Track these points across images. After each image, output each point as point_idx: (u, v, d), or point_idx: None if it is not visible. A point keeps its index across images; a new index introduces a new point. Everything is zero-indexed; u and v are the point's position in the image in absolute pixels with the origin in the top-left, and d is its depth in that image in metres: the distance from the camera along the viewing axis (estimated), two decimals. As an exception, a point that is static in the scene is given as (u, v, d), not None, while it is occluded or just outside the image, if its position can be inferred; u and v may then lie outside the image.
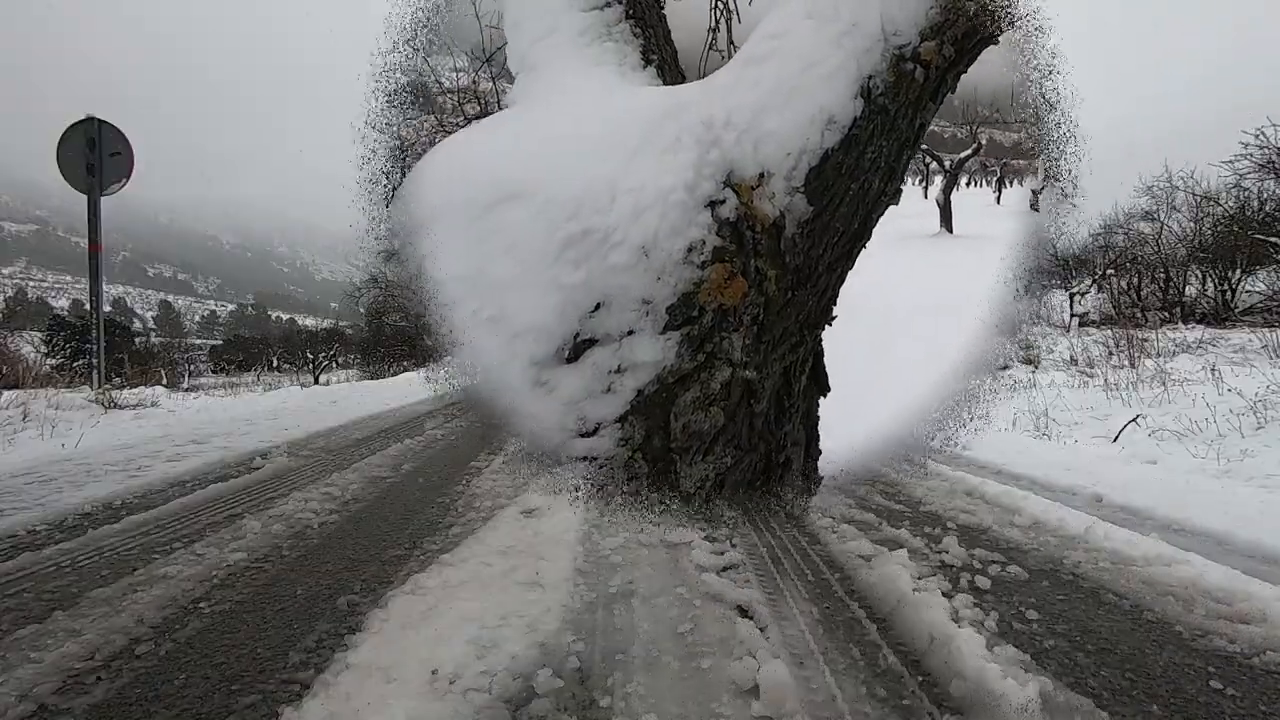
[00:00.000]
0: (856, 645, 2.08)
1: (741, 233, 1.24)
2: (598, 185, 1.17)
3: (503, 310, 1.17)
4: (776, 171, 1.30)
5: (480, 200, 1.20)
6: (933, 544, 3.08)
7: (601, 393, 1.17)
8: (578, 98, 1.42)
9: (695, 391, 1.18)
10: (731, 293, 1.21)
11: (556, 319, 1.15)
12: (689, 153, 1.23)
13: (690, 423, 1.18)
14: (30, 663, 1.93)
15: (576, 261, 1.14)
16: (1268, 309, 18.06)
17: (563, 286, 1.14)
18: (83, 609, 2.29)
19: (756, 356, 1.27)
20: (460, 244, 1.20)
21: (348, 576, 2.55)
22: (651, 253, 1.15)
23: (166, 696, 1.78)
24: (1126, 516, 3.74)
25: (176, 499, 3.89)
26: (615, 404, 1.17)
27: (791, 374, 1.42)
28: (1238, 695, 1.86)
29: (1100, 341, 14.26)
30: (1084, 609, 2.44)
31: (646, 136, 1.23)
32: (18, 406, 6.90)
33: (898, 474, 4.42)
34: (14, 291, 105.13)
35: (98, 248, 9.45)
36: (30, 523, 3.33)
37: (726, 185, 1.25)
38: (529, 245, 1.17)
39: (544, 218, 1.17)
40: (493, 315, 1.17)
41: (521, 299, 1.16)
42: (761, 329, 1.27)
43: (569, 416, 1.16)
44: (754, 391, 1.27)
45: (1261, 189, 19.77)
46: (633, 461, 1.18)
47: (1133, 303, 23.79)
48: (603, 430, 1.17)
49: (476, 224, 1.19)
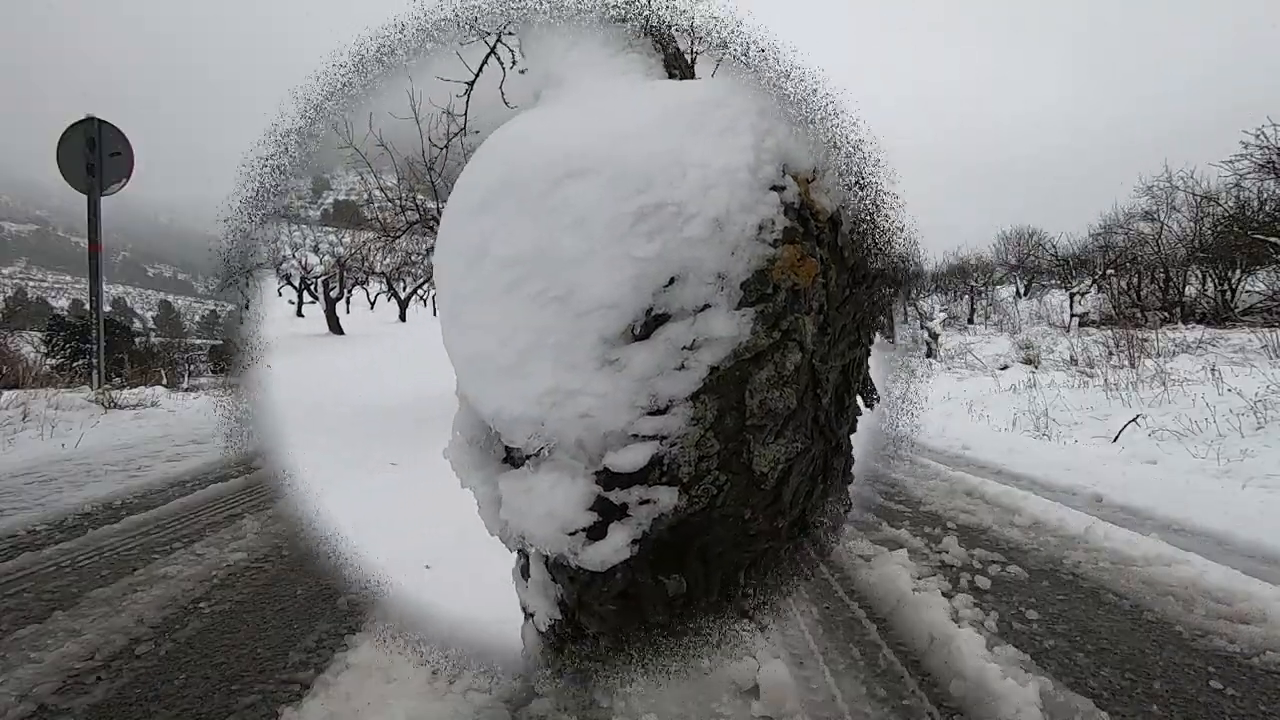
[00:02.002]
0: (856, 645, 2.08)
1: (806, 218, 1.23)
2: (666, 159, 1.16)
3: (570, 288, 1.15)
4: (830, 167, 1.29)
5: (548, 175, 1.19)
6: (933, 544, 3.08)
7: (674, 369, 1.15)
8: (620, 91, 1.40)
9: (769, 370, 1.17)
10: (805, 273, 1.19)
11: (629, 293, 1.13)
12: (745, 136, 1.21)
13: (766, 399, 1.16)
14: (30, 662, 1.92)
15: (650, 234, 1.13)
16: (1268, 309, 18.07)
17: (636, 259, 1.12)
18: (83, 609, 2.30)
19: (822, 347, 1.26)
20: (525, 221, 1.18)
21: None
22: (725, 226, 1.14)
23: (166, 696, 1.79)
24: (1126, 516, 3.74)
25: (176, 499, 3.89)
26: (689, 380, 1.16)
27: (850, 373, 1.41)
28: (1238, 695, 1.86)
29: (1100, 341, 14.27)
30: (1084, 609, 2.44)
31: (701, 119, 1.21)
32: (18, 406, 6.90)
33: (898, 474, 4.42)
34: (14, 291, 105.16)
35: (98, 248, 9.44)
36: (30, 522, 3.33)
37: (784, 173, 1.23)
38: (599, 219, 1.15)
39: (615, 190, 1.15)
40: (559, 294, 1.15)
41: (592, 274, 1.14)
42: (826, 320, 1.26)
43: (640, 394, 1.14)
44: (819, 381, 1.26)
45: (1261, 189, 19.79)
46: (704, 440, 1.17)
47: (1133, 303, 23.82)
48: (674, 408, 1.16)
49: (544, 199, 1.18)
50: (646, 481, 1.16)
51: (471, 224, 1.26)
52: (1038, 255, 32.70)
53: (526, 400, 1.19)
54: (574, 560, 1.22)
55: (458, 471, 1.38)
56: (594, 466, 1.19)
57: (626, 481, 1.18)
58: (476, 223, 1.25)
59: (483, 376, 1.25)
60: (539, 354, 1.17)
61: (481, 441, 1.34)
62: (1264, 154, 18.33)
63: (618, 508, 1.18)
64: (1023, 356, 17.62)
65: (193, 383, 10.31)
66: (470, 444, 1.35)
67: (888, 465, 4.23)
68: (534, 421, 1.19)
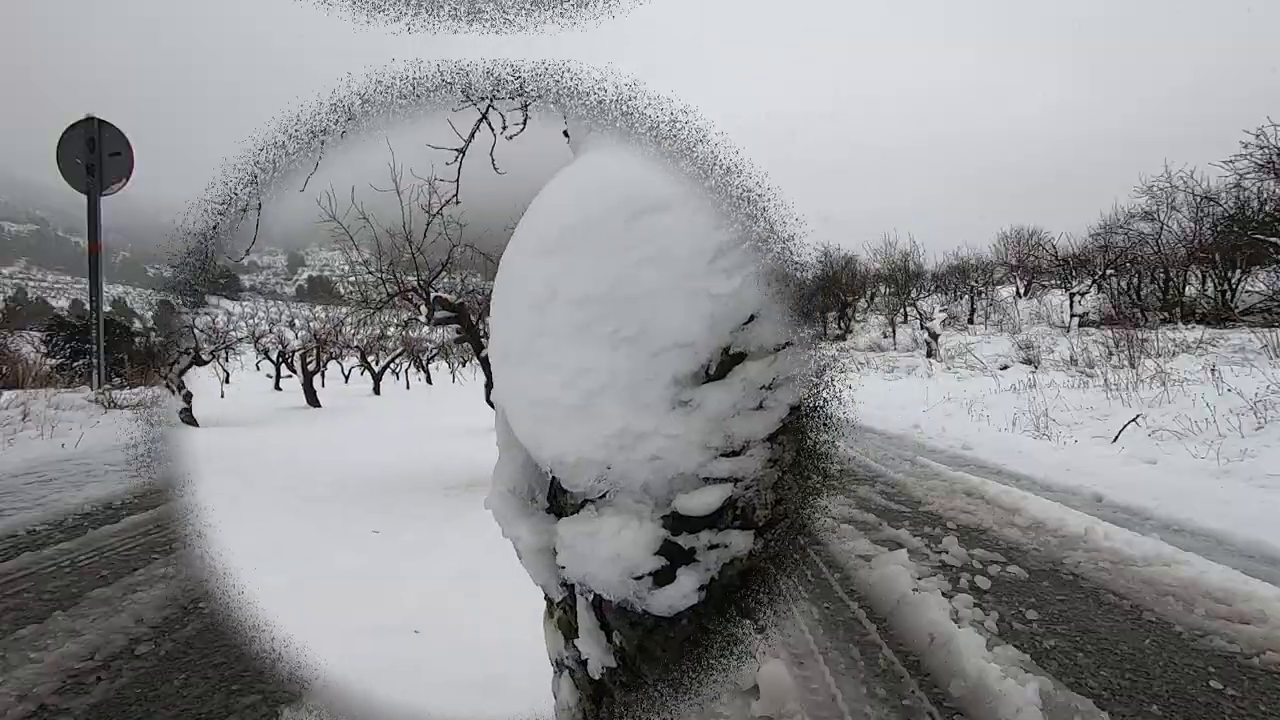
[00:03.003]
0: (856, 645, 2.08)
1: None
2: (740, 194, 1.14)
3: (643, 327, 1.13)
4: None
5: (626, 209, 1.17)
6: (933, 544, 3.08)
7: (751, 409, 1.13)
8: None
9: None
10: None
11: (706, 332, 1.11)
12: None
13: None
14: (31, 662, 1.92)
15: (729, 271, 1.11)
16: (1268, 309, 18.06)
17: (715, 297, 1.11)
18: (83, 609, 2.30)
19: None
20: (601, 258, 1.16)
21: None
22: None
23: (166, 696, 1.78)
24: (1126, 516, 3.74)
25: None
26: (767, 421, 1.14)
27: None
28: (1238, 695, 1.86)
29: (1100, 341, 14.27)
30: (1084, 609, 2.44)
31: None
32: (18, 406, 6.89)
33: (898, 474, 4.41)
34: (14, 291, 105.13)
35: (98, 248, 9.44)
36: (30, 522, 3.33)
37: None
38: (678, 254, 1.13)
39: (694, 226, 1.14)
40: (631, 334, 1.13)
41: (668, 313, 1.12)
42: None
43: (714, 435, 1.13)
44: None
45: (1261, 189, 19.77)
46: (782, 482, 1.15)
47: (1132, 303, 23.82)
48: (750, 449, 1.14)
49: (621, 235, 1.15)
50: (717, 525, 1.15)
51: (539, 266, 1.24)
52: (1038, 255, 32.71)
53: (593, 443, 1.17)
54: (640, 605, 1.20)
55: (500, 521, 1.36)
56: (662, 510, 1.18)
57: (696, 525, 1.16)
58: (545, 265, 1.22)
59: (545, 421, 1.22)
60: (608, 395, 1.14)
61: (522, 491, 1.33)
62: (1264, 154, 18.33)
63: (686, 552, 1.17)
64: (1023, 357, 17.63)
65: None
66: (512, 494, 1.34)
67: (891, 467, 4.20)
68: (600, 464, 1.18)
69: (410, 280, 6.51)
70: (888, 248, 35.27)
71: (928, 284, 34.84)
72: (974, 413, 8.78)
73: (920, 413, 9.30)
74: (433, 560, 3.01)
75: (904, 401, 10.65)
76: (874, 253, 35.87)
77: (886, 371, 18.76)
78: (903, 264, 34.35)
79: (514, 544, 1.35)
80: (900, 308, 32.42)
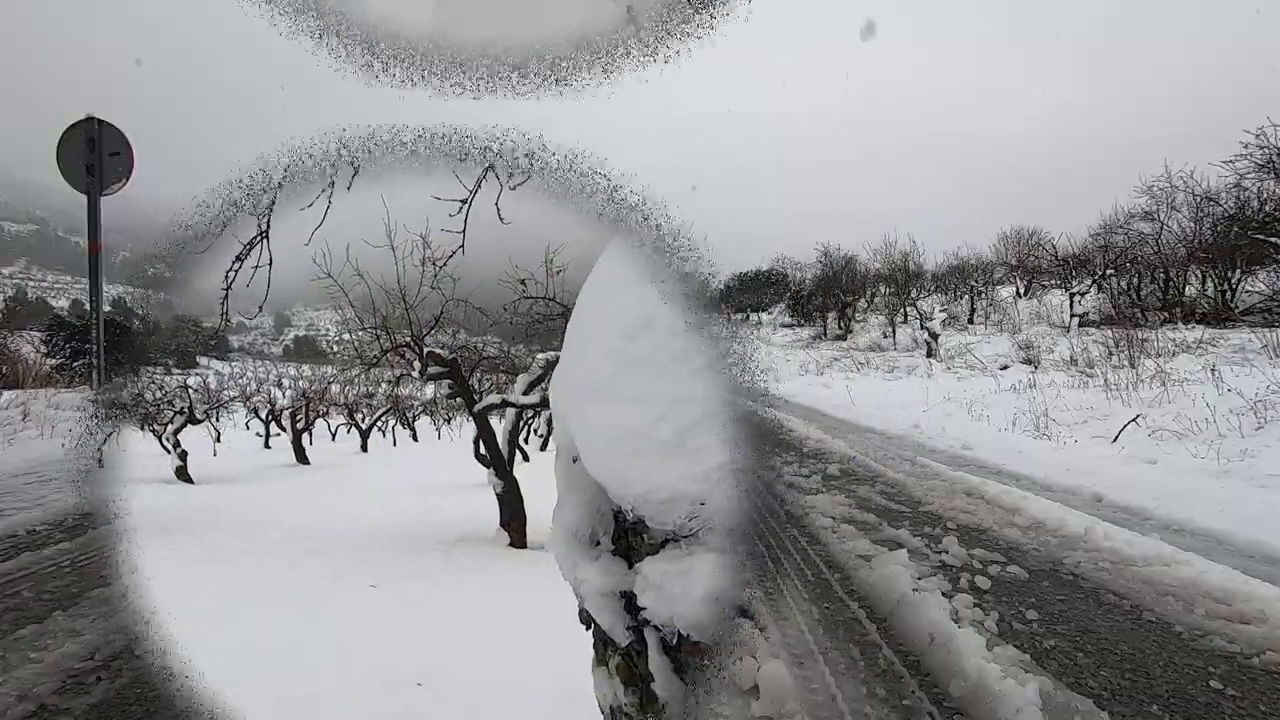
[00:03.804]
0: (856, 645, 2.08)
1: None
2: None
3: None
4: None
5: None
6: (933, 544, 3.08)
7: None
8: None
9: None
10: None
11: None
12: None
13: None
14: (31, 662, 1.92)
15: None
16: (1268, 309, 18.05)
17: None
18: (82, 608, 2.30)
19: None
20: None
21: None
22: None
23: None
24: (1126, 516, 3.74)
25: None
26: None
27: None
28: (1238, 695, 1.86)
29: (1100, 341, 14.27)
30: (1084, 609, 2.43)
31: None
32: (18, 406, 6.89)
33: (898, 474, 4.41)
34: (14, 291, 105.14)
35: (98, 248, 9.43)
36: (30, 522, 3.33)
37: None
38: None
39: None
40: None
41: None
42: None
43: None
44: None
45: (1261, 189, 19.76)
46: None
47: (1132, 303, 23.81)
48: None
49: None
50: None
51: (632, 293, 1.17)
52: (1038, 255, 32.69)
53: (689, 478, 1.10)
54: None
55: (563, 565, 1.33)
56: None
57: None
58: (638, 291, 1.16)
59: (631, 455, 1.14)
60: (705, 428, 1.08)
61: (584, 535, 1.30)
62: (1264, 154, 18.33)
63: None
64: (1022, 357, 17.63)
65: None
66: (575, 537, 1.30)
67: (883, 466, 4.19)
68: (694, 500, 1.11)
69: (402, 336, 6.58)
70: (887, 248, 35.23)
71: (928, 284, 34.81)
72: (974, 413, 8.78)
73: (920, 413, 9.30)
74: (430, 613, 3.02)
75: (904, 401, 10.65)
76: (874, 253, 35.83)
77: (886, 371, 18.78)
78: (902, 264, 34.32)
79: (576, 588, 1.30)
80: (900, 308, 32.40)
